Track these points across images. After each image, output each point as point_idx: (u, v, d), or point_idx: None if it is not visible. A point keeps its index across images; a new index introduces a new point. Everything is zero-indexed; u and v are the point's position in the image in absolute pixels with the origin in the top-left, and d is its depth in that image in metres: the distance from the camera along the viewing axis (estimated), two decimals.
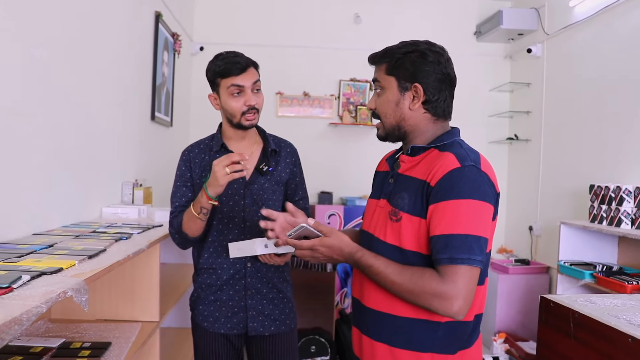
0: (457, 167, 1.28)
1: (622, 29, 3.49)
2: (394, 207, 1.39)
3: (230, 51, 1.88)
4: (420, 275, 1.26)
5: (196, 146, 1.99)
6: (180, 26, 4.11)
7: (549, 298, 1.38)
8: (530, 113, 4.64)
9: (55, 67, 2.01)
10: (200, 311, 1.95)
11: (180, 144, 4.39)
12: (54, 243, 1.62)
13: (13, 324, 0.89)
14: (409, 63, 1.39)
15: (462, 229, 1.24)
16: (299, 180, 2.04)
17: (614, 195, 3.15)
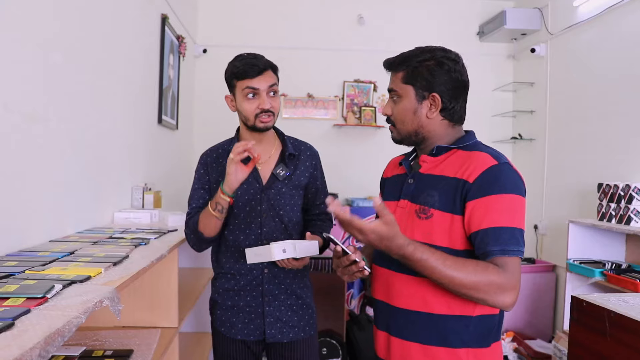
0: (495, 164, 1.32)
1: (627, 28, 3.50)
2: (422, 205, 1.39)
3: (251, 53, 1.86)
4: (485, 268, 1.25)
5: (215, 150, 1.98)
6: (185, 29, 4.09)
7: (581, 297, 1.37)
8: (534, 112, 4.65)
9: (68, 72, 2.00)
10: (218, 316, 1.94)
11: (185, 147, 4.37)
12: (74, 250, 1.60)
13: (57, 336, 0.88)
14: (426, 72, 1.40)
15: (509, 222, 1.27)
16: (320, 184, 2.02)
17: (623, 194, 3.16)
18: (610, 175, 3.56)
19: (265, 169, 1.91)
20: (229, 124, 4.62)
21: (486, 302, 1.27)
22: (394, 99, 1.47)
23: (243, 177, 1.70)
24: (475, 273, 1.25)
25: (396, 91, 1.45)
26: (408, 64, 1.43)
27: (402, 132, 1.47)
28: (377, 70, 5.06)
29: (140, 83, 2.98)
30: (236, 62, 1.84)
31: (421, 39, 5.33)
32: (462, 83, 1.43)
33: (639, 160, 3.34)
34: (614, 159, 3.56)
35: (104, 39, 2.37)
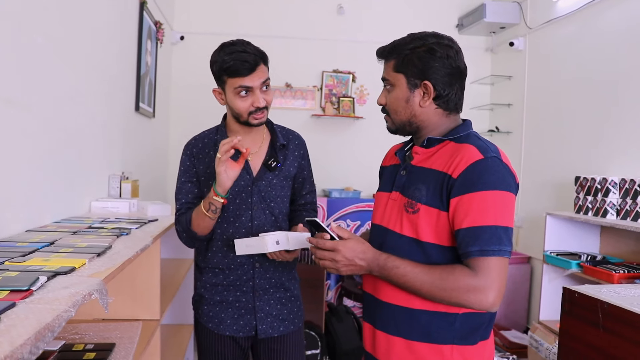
0: (481, 158, 1.27)
1: (604, 24, 3.54)
2: (409, 199, 1.36)
3: (238, 42, 1.74)
4: (451, 271, 1.25)
5: (200, 140, 1.88)
6: (162, 15, 3.99)
7: (574, 289, 1.38)
8: (512, 105, 4.69)
9: (44, 57, 1.91)
10: (204, 311, 1.87)
11: (161, 135, 4.29)
12: (54, 240, 1.54)
13: (47, 331, 0.83)
14: (417, 59, 1.36)
15: (491, 221, 1.23)
16: (307, 174, 1.96)
17: (599, 187, 3.21)
18: (586, 169, 3.61)
19: (256, 159, 1.84)
20: (206, 113, 4.56)
21: (463, 305, 1.25)
22: (387, 88, 1.44)
23: (235, 175, 1.63)
24: (441, 277, 1.24)
25: (388, 80, 1.42)
26: (399, 52, 1.39)
27: (396, 121, 1.44)
28: (356, 60, 5.08)
29: (118, 69, 2.90)
30: (225, 55, 1.71)
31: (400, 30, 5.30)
32: (456, 69, 1.37)
33: (615, 153, 3.40)
34: (591, 152, 3.62)
35: (82, 23, 2.29)
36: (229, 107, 1.79)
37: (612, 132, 3.43)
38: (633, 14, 3.30)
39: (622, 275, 2.86)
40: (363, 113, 4.97)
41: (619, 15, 3.41)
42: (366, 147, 4.97)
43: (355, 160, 4.97)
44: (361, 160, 4.97)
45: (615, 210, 3.13)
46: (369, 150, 4.95)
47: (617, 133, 3.39)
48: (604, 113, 3.51)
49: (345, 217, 4.55)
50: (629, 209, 3.03)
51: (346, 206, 4.57)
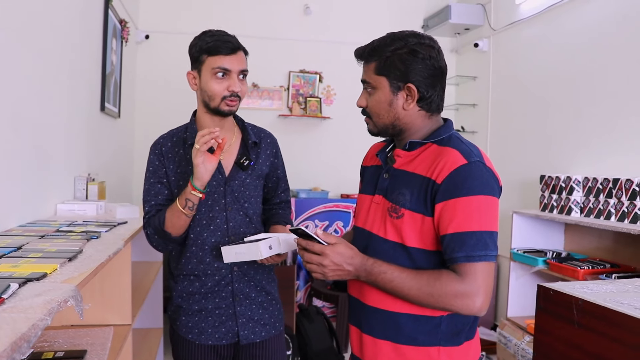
0: (464, 163, 1.26)
1: (566, 26, 3.63)
2: (393, 204, 1.34)
3: (221, 30, 1.72)
4: (437, 277, 1.24)
5: (168, 138, 1.80)
6: (127, 13, 3.91)
7: (548, 286, 1.40)
8: (477, 106, 4.77)
9: (5, 55, 1.84)
10: (183, 322, 1.77)
11: (126, 136, 4.20)
12: (21, 245, 1.48)
13: (23, 342, 0.79)
14: (399, 62, 1.32)
15: (476, 226, 1.23)
16: (281, 173, 1.91)
17: (564, 185, 3.28)
18: (548, 168, 3.70)
19: (228, 158, 1.76)
20: (171, 113, 4.49)
21: (450, 310, 1.26)
22: (367, 90, 1.39)
23: (213, 168, 1.58)
24: (428, 283, 1.24)
25: (369, 83, 1.37)
26: (380, 54, 1.34)
27: (379, 124, 1.39)
28: (323, 60, 5.08)
29: (83, 68, 2.82)
30: (206, 37, 1.68)
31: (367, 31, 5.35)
32: (438, 70, 1.34)
33: (578, 152, 3.49)
34: (555, 151, 3.70)
35: (45, 21, 2.21)
36: (200, 92, 1.72)
37: (575, 130, 3.52)
38: (592, 16, 3.39)
39: (586, 271, 2.94)
40: (330, 113, 4.97)
41: (579, 18, 3.51)
42: (333, 147, 4.98)
43: (322, 161, 4.98)
44: (329, 160, 4.97)
45: (579, 207, 3.21)
46: (336, 150, 4.97)
47: (580, 132, 3.48)
48: (566, 112, 3.60)
49: (313, 218, 4.54)
50: (592, 206, 3.11)
51: (314, 206, 4.56)
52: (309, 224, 4.53)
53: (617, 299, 1.29)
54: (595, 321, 1.26)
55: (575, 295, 1.32)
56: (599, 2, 3.36)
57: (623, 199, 2.89)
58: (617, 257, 3.11)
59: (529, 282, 3.50)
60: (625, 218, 2.88)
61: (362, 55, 1.40)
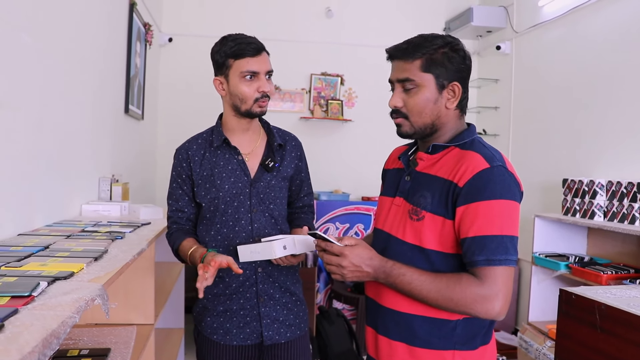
0: (487, 167, 1.27)
1: (589, 29, 3.59)
2: (414, 206, 1.35)
3: (240, 33, 1.75)
4: (457, 280, 1.25)
5: (194, 142, 1.84)
6: (151, 16, 3.97)
7: (570, 290, 1.39)
8: (499, 108, 4.73)
9: (35, 58, 1.89)
10: (208, 323, 1.80)
11: (150, 138, 4.26)
12: (48, 244, 1.52)
13: (53, 338, 0.82)
14: (446, 60, 1.32)
15: (497, 230, 1.23)
16: (305, 176, 1.93)
17: (587, 189, 3.24)
18: (571, 171, 3.65)
19: (253, 160, 1.80)
20: (194, 115, 4.55)
21: (469, 314, 1.26)
22: (408, 89, 1.35)
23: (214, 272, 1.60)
24: (447, 286, 1.24)
25: (414, 80, 1.34)
26: (424, 51, 1.33)
27: (418, 124, 1.37)
28: (345, 63, 5.09)
29: (108, 71, 2.87)
30: (228, 42, 1.72)
31: (388, 33, 5.32)
32: (470, 71, 1.38)
33: (602, 155, 3.44)
34: (578, 154, 3.66)
35: (72, 24, 2.26)
36: (230, 97, 1.75)
37: (598, 134, 3.47)
38: (616, 18, 3.35)
39: (609, 276, 2.90)
40: (352, 116, 4.98)
41: (603, 20, 3.46)
42: (354, 150, 4.98)
43: (343, 163, 4.98)
44: (350, 162, 4.98)
45: (603, 212, 3.17)
46: (357, 153, 4.98)
47: (603, 135, 3.44)
48: (590, 115, 3.56)
49: (334, 220, 4.55)
50: (615, 210, 3.07)
51: (335, 209, 4.57)
52: (329, 227, 4.54)
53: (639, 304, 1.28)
54: (618, 326, 1.25)
55: (598, 300, 1.31)
56: (622, 3, 3.31)
57: None
58: None
59: (551, 287, 3.46)
60: None
61: (404, 52, 1.36)
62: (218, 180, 1.77)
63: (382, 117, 5.01)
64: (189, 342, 3.35)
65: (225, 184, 1.77)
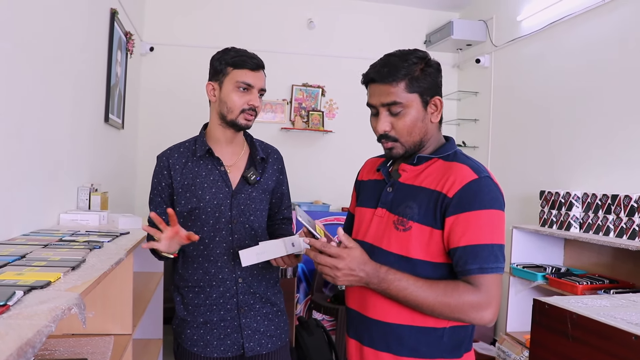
0: (475, 178, 1.30)
1: (567, 43, 3.68)
2: (400, 217, 1.36)
3: (244, 49, 1.79)
4: (454, 287, 1.26)
5: (175, 150, 1.85)
6: (132, 25, 3.96)
7: (543, 300, 1.42)
8: (478, 121, 4.80)
9: (13, 65, 1.87)
10: (188, 335, 1.79)
11: (130, 147, 4.24)
12: (25, 253, 1.50)
13: (28, 347, 0.81)
14: (426, 76, 1.34)
15: (488, 239, 1.26)
16: (285, 189, 1.96)
17: (563, 201, 3.30)
18: (548, 183, 3.72)
19: (235, 172, 1.82)
20: (175, 125, 4.54)
21: (463, 321, 1.28)
22: (396, 112, 1.35)
23: (177, 246, 1.64)
24: (445, 294, 1.26)
25: (401, 103, 1.34)
26: (405, 72, 1.33)
27: (408, 144, 1.38)
28: (326, 74, 5.12)
29: (88, 79, 2.86)
30: (230, 52, 1.76)
31: (370, 46, 5.36)
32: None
33: (578, 168, 3.51)
34: (555, 167, 3.73)
35: (52, 32, 2.25)
36: (219, 103, 1.77)
37: (575, 147, 3.55)
38: (591, 34, 3.43)
39: (585, 286, 2.95)
40: (332, 127, 5.01)
41: (579, 36, 3.55)
42: (335, 161, 5.00)
43: (324, 174, 5.00)
44: (330, 174, 5.00)
45: (579, 223, 3.23)
46: (337, 164, 5.00)
47: (579, 148, 3.51)
48: (567, 129, 3.63)
49: None
50: (591, 222, 3.13)
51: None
52: None
53: (610, 314, 1.31)
54: (589, 335, 1.28)
55: (570, 309, 1.34)
56: (598, 20, 3.40)
57: (622, 215, 2.91)
58: (616, 273, 3.12)
59: (528, 297, 3.50)
60: (623, 234, 2.89)
61: (387, 75, 1.34)
62: (199, 190, 1.78)
63: (363, 129, 5.05)
64: (167, 353, 3.32)
65: (207, 194, 1.77)
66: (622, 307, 1.40)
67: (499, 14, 4.50)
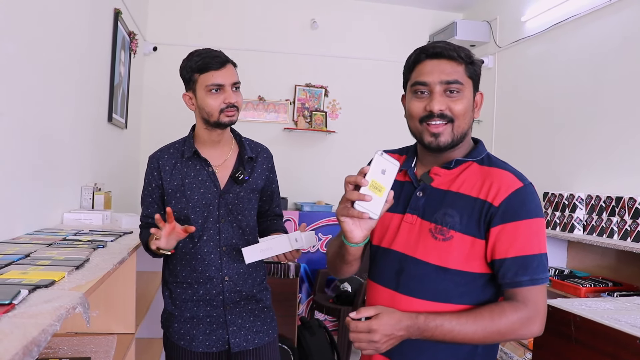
0: (521, 186, 1.23)
1: (571, 44, 3.67)
2: (439, 225, 1.26)
3: (207, 48, 1.79)
4: (501, 312, 1.20)
5: (165, 151, 1.88)
6: (136, 25, 3.97)
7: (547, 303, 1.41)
8: (482, 122, 4.79)
9: (18, 64, 1.88)
10: (175, 329, 1.82)
11: (133, 146, 4.24)
12: (29, 252, 1.51)
13: (33, 346, 0.82)
14: (478, 69, 1.30)
15: (537, 249, 1.21)
16: (275, 187, 1.97)
17: (567, 203, 3.30)
18: (551, 185, 3.71)
19: (223, 172, 1.84)
20: (178, 125, 4.52)
21: (515, 339, 1.25)
22: (452, 91, 1.25)
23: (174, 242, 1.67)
24: (492, 321, 1.19)
25: (462, 84, 1.25)
26: (467, 55, 1.26)
27: (458, 130, 1.27)
28: (329, 75, 5.12)
29: (91, 79, 2.86)
30: (194, 57, 1.76)
31: (373, 46, 5.35)
32: None
33: (582, 170, 3.51)
34: (559, 168, 3.72)
35: (56, 33, 2.26)
36: (199, 110, 1.79)
37: (580, 148, 3.54)
38: (597, 35, 3.43)
39: (588, 289, 2.94)
40: (335, 127, 5.01)
41: (584, 37, 3.54)
42: (338, 161, 5.00)
43: (326, 174, 5.00)
44: (333, 174, 4.98)
45: (582, 225, 3.22)
46: (340, 164, 4.99)
47: (584, 150, 3.50)
48: (571, 130, 3.62)
49: (317, 231, 4.56)
50: (594, 224, 3.12)
51: (318, 220, 4.58)
52: None
53: (614, 317, 1.31)
54: (592, 338, 1.27)
55: (573, 312, 1.34)
56: (602, 21, 3.39)
57: (626, 217, 2.90)
58: (620, 276, 3.11)
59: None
60: (628, 236, 2.88)
61: (453, 52, 1.26)
62: (188, 190, 1.80)
63: (366, 129, 5.07)
64: None
65: (195, 194, 1.80)
66: (627, 310, 1.39)
67: (503, 15, 4.49)
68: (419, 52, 1.30)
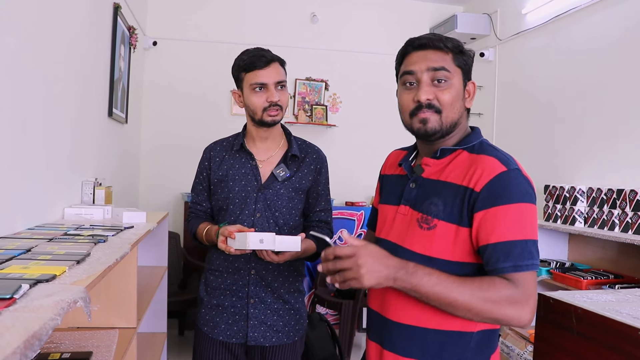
0: (504, 170, 1.20)
1: (572, 37, 3.66)
2: (424, 214, 1.27)
3: (257, 47, 1.86)
4: (491, 282, 1.16)
5: (219, 143, 1.99)
6: (135, 19, 3.95)
7: (548, 295, 1.41)
8: (482, 115, 4.79)
9: (18, 59, 1.87)
10: (202, 315, 1.92)
11: (133, 141, 4.24)
12: (30, 247, 1.51)
13: (35, 340, 0.82)
14: (468, 58, 1.31)
15: (521, 235, 1.17)
16: (322, 190, 1.95)
17: (568, 195, 3.29)
18: (553, 178, 3.71)
19: (266, 167, 1.88)
20: (178, 119, 4.54)
21: (499, 321, 1.17)
22: (440, 80, 1.27)
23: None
24: (481, 287, 1.15)
25: (449, 71, 1.26)
26: (454, 45, 1.29)
27: (447, 120, 1.27)
28: (329, 68, 5.11)
29: (91, 74, 2.85)
30: (243, 55, 1.84)
31: (374, 39, 5.34)
32: None
33: (583, 162, 3.50)
34: (560, 161, 3.72)
35: (55, 27, 2.25)
36: (246, 108, 1.87)
37: (581, 141, 3.54)
38: (598, 27, 3.41)
39: (589, 281, 2.94)
40: (336, 121, 5.00)
41: (585, 29, 3.53)
42: (339, 155, 4.98)
43: None
44: (333, 168, 4.93)
45: (583, 218, 3.22)
46: (341, 158, 4.99)
47: (585, 142, 3.50)
48: (572, 122, 3.62)
49: None
50: (596, 216, 3.12)
51: None
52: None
53: (616, 309, 1.31)
54: (594, 330, 1.27)
55: (575, 304, 1.34)
56: (603, 13, 3.38)
57: (627, 209, 2.90)
58: (621, 268, 3.11)
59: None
60: (629, 229, 2.88)
61: (439, 41, 1.28)
62: (231, 182, 1.87)
63: (366, 123, 5.06)
64: (171, 346, 3.34)
65: (236, 186, 1.86)
66: (628, 302, 1.39)
67: (504, 7, 4.48)
68: (406, 44, 1.35)
